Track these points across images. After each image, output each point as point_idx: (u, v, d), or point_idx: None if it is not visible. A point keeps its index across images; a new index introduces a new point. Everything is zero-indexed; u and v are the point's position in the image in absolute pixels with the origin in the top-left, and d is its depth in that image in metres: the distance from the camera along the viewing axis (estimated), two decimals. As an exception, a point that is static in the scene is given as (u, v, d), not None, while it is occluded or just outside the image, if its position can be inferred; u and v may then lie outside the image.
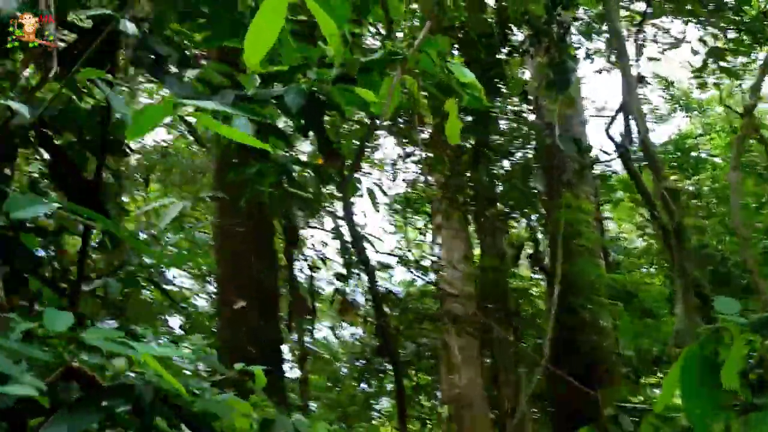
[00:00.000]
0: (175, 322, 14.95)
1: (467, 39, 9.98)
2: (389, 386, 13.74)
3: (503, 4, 9.94)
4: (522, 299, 12.08)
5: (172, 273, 15.35)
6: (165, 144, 14.14)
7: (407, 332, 11.22)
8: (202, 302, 15.17)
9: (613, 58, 10.41)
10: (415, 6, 11.52)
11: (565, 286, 9.59)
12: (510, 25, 10.17)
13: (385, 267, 12.76)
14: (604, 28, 10.44)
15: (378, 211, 7.83)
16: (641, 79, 8.25)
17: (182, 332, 14.47)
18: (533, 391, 10.03)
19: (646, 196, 7.58)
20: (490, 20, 10.06)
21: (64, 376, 2.37)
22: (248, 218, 7.27)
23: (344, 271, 8.86)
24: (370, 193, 7.10)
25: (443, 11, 10.20)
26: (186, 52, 3.45)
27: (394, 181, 12.20)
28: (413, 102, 3.92)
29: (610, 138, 8.94)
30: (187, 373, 3.65)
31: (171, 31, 3.26)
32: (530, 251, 10.74)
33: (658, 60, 11.43)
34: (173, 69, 3.30)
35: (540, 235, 11.07)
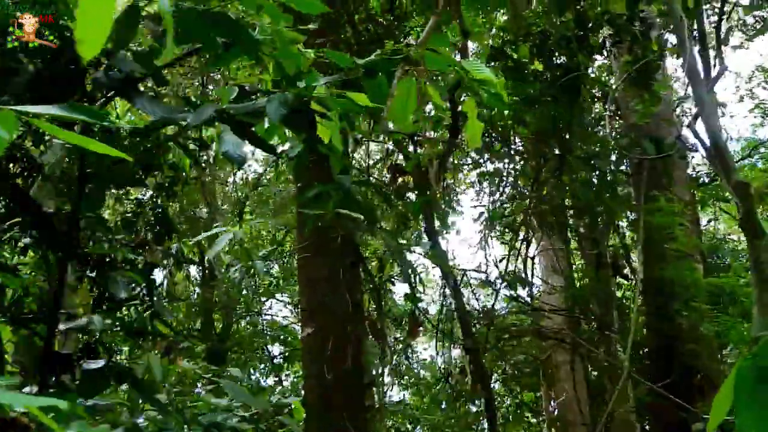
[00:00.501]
0: (277, 349, 15.19)
1: (545, 45, 9.74)
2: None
3: (585, 4, 9.66)
4: (627, 310, 11.62)
5: (269, 303, 15.70)
6: (256, 175, 14.45)
7: (503, 348, 10.97)
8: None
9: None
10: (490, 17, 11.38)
11: (658, 293, 9.16)
12: (590, 26, 9.87)
13: (483, 284, 12.52)
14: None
15: (447, 231, 7.68)
16: (721, 71, 7.81)
17: (281, 360, 14.71)
18: (636, 401, 9.61)
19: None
20: (570, 24, 9.78)
21: (1, 429, 2.36)
22: (310, 244, 7.23)
23: (418, 293, 8.70)
24: (440, 213, 6.96)
25: (523, 19, 10.02)
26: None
27: (486, 196, 11.95)
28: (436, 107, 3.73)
29: (695, 134, 8.55)
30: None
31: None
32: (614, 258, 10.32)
33: (745, 48, 10.85)
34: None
35: (629, 242, 10.64)
